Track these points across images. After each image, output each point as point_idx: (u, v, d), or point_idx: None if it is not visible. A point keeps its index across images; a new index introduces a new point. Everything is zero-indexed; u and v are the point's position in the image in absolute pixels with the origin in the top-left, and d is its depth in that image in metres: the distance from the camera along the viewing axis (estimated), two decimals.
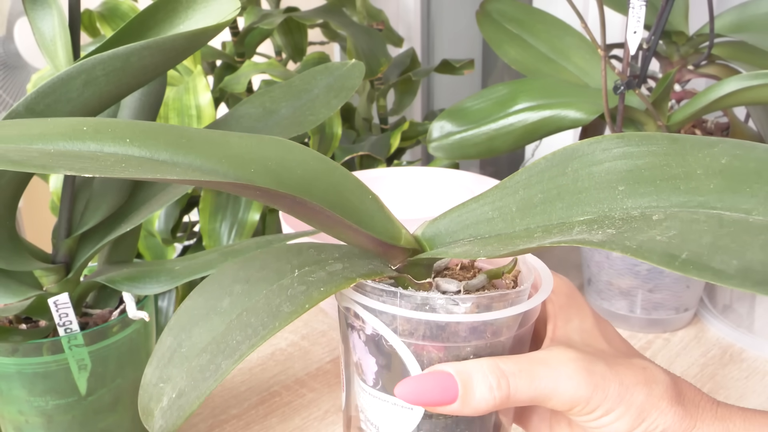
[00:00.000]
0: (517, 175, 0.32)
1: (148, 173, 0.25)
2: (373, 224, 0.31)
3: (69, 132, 0.26)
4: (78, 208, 0.44)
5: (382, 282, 0.31)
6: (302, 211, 0.29)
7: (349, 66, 0.49)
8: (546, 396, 0.30)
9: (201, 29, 0.36)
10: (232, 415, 0.56)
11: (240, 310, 0.28)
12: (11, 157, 0.24)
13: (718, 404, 0.31)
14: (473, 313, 0.30)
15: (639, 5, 0.56)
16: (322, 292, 0.28)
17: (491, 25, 0.77)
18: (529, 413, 0.35)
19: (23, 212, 1.36)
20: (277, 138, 0.31)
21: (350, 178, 0.31)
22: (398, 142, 0.99)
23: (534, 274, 0.34)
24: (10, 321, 0.46)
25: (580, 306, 0.34)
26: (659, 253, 0.23)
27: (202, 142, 0.28)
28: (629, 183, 0.28)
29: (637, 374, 0.31)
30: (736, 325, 0.66)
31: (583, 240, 0.26)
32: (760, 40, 0.65)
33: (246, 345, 0.27)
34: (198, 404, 0.26)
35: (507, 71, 1.37)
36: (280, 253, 0.31)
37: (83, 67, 0.35)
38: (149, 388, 0.29)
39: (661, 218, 0.26)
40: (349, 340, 0.33)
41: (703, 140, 0.28)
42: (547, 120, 0.66)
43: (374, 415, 0.33)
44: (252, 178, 0.27)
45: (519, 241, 0.29)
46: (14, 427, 0.45)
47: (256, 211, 0.83)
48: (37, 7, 0.41)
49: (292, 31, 1.08)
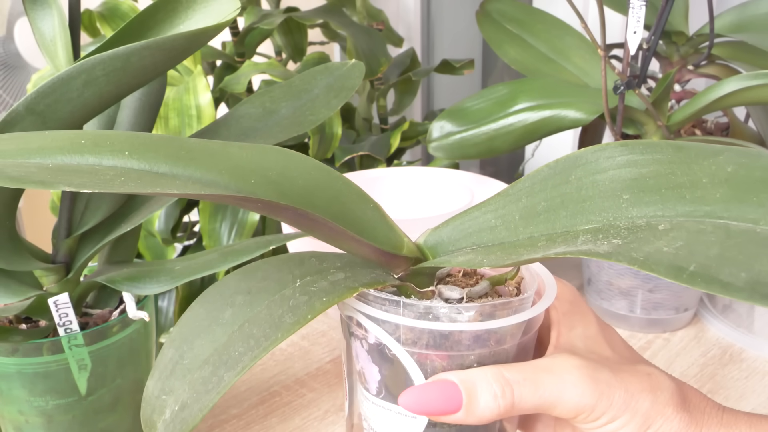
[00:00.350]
0: (519, 183, 0.31)
1: (148, 187, 0.25)
2: (375, 234, 0.31)
3: (67, 146, 0.26)
4: (78, 208, 0.44)
5: (384, 291, 0.31)
6: (304, 222, 0.29)
7: (349, 66, 0.49)
8: (551, 404, 0.30)
9: (201, 29, 0.36)
10: (232, 415, 0.56)
11: (242, 321, 0.28)
12: (9, 173, 0.23)
13: (724, 410, 0.31)
14: (477, 321, 0.30)
15: (639, 5, 0.56)
16: (325, 302, 0.28)
17: (491, 25, 0.77)
18: (533, 421, 0.35)
19: (23, 212, 1.36)
20: (277, 148, 0.31)
21: (352, 188, 0.31)
22: (398, 142, 0.99)
23: (537, 280, 0.33)
24: (10, 321, 0.46)
25: (584, 312, 0.34)
26: (666, 265, 0.23)
27: (201, 154, 0.28)
28: (634, 192, 0.28)
29: (642, 381, 0.30)
30: (735, 325, 0.66)
31: (589, 251, 0.25)
32: (760, 40, 0.66)
33: (248, 357, 0.26)
34: (201, 417, 0.26)
35: (507, 71, 1.37)
36: (281, 263, 0.31)
37: (83, 67, 0.35)
38: (152, 401, 0.29)
39: (667, 228, 0.26)
40: (352, 348, 0.33)
41: (709, 148, 0.28)
42: (547, 120, 0.66)
43: (378, 424, 0.33)
44: (253, 189, 0.27)
45: (523, 250, 0.28)
46: (14, 427, 0.45)
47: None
48: (37, 7, 0.41)
49: (292, 31, 1.08)
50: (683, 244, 0.24)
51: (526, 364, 0.31)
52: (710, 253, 0.23)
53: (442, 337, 0.30)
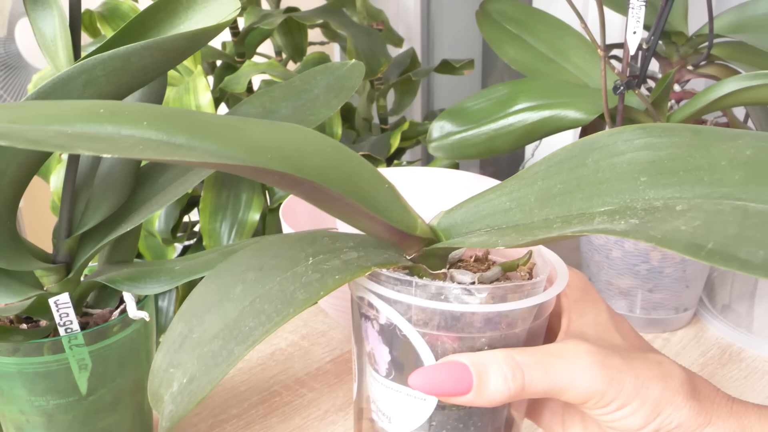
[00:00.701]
0: (535, 166, 0.31)
1: (167, 155, 0.24)
2: (389, 213, 0.30)
3: (85, 114, 0.26)
4: (78, 208, 0.44)
5: (396, 271, 0.31)
6: (320, 197, 0.28)
7: (349, 66, 0.49)
8: (561, 388, 0.30)
9: (201, 29, 0.37)
10: (232, 414, 0.56)
11: (253, 297, 0.28)
12: (29, 136, 0.23)
13: (734, 400, 0.31)
14: (488, 303, 0.30)
15: (639, 5, 0.56)
16: (337, 280, 0.28)
17: (491, 25, 0.77)
18: (541, 407, 0.35)
19: (23, 212, 1.36)
20: (294, 125, 0.30)
21: (367, 167, 0.31)
22: (398, 142, 0.99)
23: (549, 267, 0.33)
24: (10, 321, 0.46)
25: (595, 300, 0.34)
26: (684, 242, 0.23)
27: (219, 127, 0.28)
28: (651, 174, 0.28)
29: (653, 368, 0.30)
30: (735, 324, 0.66)
31: (606, 229, 0.25)
32: (760, 41, 0.66)
33: (259, 331, 0.26)
34: (210, 389, 0.26)
35: (507, 71, 1.37)
36: (294, 241, 0.31)
37: (84, 68, 0.35)
38: (159, 374, 0.29)
39: (684, 209, 0.25)
40: (363, 329, 0.33)
41: (727, 132, 0.28)
42: (547, 120, 0.66)
43: (386, 406, 0.33)
44: (269, 164, 0.27)
45: (538, 231, 0.28)
46: (15, 427, 0.45)
47: (256, 211, 0.83)
48: (38, 7, 0.41)
49: (292, 31, 1.08)
50: (701, 224, 0.24)
51: (537, 348, 0.31)
52: (728, 232, 0.23)
53: (453, 318, 0.30)
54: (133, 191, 0.45)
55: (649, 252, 0.62)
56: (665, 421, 0.30)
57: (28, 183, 0.40)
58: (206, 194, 0.83)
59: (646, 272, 0.63)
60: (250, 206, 0.83)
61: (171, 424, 0.27)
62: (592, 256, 0.67)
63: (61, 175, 0.82)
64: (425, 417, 0.32)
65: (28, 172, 0.39)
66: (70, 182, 0.43)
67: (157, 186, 0.45)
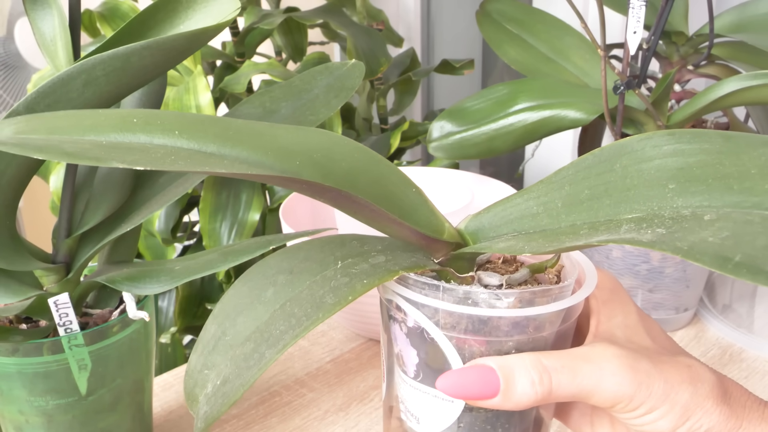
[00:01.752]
0: (563, 170, 0.31)
1: (197, 166, 0.25)
2: (416, 217, 0.31)
3: (120, 124, 0.27)
4: (78, 208, 0.44)
5: (424, 275, 0.31)
6: (347, 204, 0.29)
7: (349, 66, 0.49)
8: (588, 392, 0.29)
9: (201, 29, 0.37)
10: (232, 415, 0.56)
11: (284, 300, 0.29)
12: (66, 149, 0.24)
13: (766, 404, 0.31)
14: (516, 307, 0.30)
15: (639, 5, 0.56)
16: (366, 284, 0.28)
17: (491, 25, 0.77)
18: (569, 408, 0.35)
19: (23, 212, 1.36)
20: (322, 130, 0.31)
21: (394, 171, 0.31)
22: (398, 142, 0.99)
23: (578, 269, 0.33)
24: (10, 321, 0.46)
25: (624, 301, 0.34)
26: (711, 255, 0.22)
27: (248, 134, 0.28)
28: (680, 181, 0.28)
29: (682, 372, 0.30)
30: (735, 325, 0.66)
31: (632, 239, 0.25)
32: (760, 40, 0.65)
33: (290, 335, 0.27)
34: (242, 392, 0.26)
35: (507, 71, 1.37)
36: (323, 244, 0.31)
37: (83, 67, 0.35)
38: (194, 375, 0.29)
39: (713, 218, 0.25)
40: (391, 331, 0.34)
41: (759, 139, 0.27)
42: (547, 120, 0.66)
43: (415, 407, 0.33)
44: (298, 170, 0.27)
45: (564, 238, 0.28)
46: (15, 427, 0.45)
47: (256, 211, 0.83)
48: (37, 7, 0.41)
49: (292, 31, 1.08)
50: (729, 235, 0.23)
51: (565, 351, 0.30)
52: (757, 243, 0.22)
53: (480, 322, 0.30)
54: (133, 191, 0.45)
55: (650, 252, 0.62)
56: (695, 425, 0.29)
57: (28, 183, 0.40)
58: (206, 194, 0.83)
59: (647, 272, 0.63)
60: (250, 206, 0.83)
61: (206, 425, 0.27)
62: (591, 256, 0.67)
63: (60, 174, 0.82)
64: (453, 418, 0.32)
65: (28, 172, 0.39)
66: (70, 182, 0.43)
67: (157, 186, 0.45)
